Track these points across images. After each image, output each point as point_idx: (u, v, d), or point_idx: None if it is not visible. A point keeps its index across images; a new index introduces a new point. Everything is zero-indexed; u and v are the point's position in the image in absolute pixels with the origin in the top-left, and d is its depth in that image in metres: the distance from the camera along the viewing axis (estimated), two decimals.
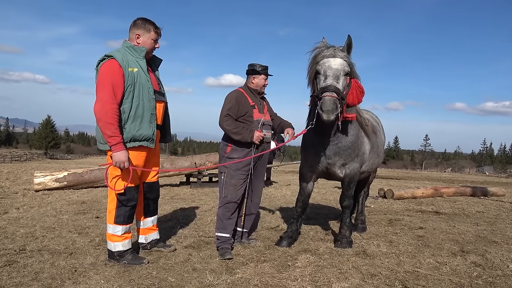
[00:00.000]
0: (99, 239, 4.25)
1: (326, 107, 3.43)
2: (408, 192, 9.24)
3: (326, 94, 3.49)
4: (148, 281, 3.05)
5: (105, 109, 3.20)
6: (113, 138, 3.22)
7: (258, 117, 4.01)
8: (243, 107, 3.97)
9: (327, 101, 3.45)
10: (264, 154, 4.12)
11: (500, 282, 3.27)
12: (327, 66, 3.65)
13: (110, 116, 3.20)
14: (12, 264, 3.37)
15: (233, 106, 3.93)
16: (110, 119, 3.20)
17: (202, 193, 9.10)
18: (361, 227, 5.13)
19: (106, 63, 3.31)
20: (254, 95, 4.10)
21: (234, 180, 3.94)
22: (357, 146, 4.15)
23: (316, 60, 3.77)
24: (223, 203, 3.95)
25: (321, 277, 3.25)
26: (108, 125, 3.20)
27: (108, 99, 3.21)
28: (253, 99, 4.07)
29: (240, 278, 3.19)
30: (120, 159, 3.27)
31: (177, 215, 5.90)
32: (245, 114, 3.97)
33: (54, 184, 8.88)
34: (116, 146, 3.24)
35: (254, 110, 4.01)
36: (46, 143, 79.15)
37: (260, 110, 4.09)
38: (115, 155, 3.26)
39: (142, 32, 3.49)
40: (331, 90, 3.50)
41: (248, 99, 4.02)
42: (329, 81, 3.58)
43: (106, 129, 3.21)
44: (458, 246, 4.38)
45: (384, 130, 5.54)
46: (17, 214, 5.70)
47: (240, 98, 4.00)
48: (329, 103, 3.44)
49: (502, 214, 7.18)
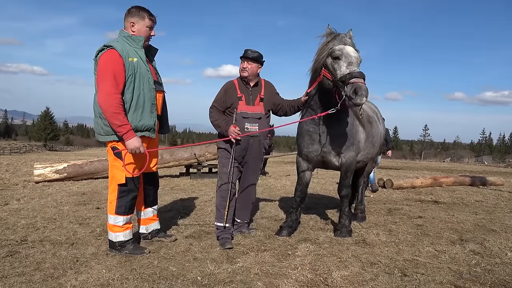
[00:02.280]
0: (100, 230, 4.27)
1: (362, 91, 3.43)
2: (407, 181, 9.28)
3: (359, 80, 3.48)
4: (150, 270, 3.08)
5: (110, 99, 3.18)
6: (122, 127, 3.23)
7: (242, 110, 3.92)
8: (229, 99, 3.93)
9: (362, 86, 3.45)
10: (254, 148, 4.02)
11: (499, 270, 3.30)
12: (347, 53, 3.64)
13: (115, 106, 3.19)
14: (14, 254, 3.39)
15: (220, 97, 3.94)
16: (116, 109, 3.19)
17: (202, 184, 9.12)
18: (360, 216, 5.16)
19: (106, 53, 3.27)
20: (245, 85, 4.01)
21: (226, 168, 3.95)
22: (352, 134, 4.16)
23: (329, 46, 3.73)
24: (219, 191, 3.99)
25: (321, 266, 3.28)
26: (115, 115, 3.19)
27: (110, 89, 3.19)
28: (243, 89, 3.99)
29: (240, 267, 3.21)
30: (135, 145, 3.28)
31: (177, 206, 5.92)
32: (231, 106, 3.94)
33: (54, 175, 8.89)
34: (128, 134, 3.25)
35: (240, 101, 3.93)
36: (45, 135, 79.12)
37: (248, 101, 3.97)
38: (128, 142, 3.27)
39: (137, 20, 3.45)
40: (362, 76, 3.52)
41: (237, 90, 3.96)
42: (354, 67, 3.58)
43: (114, 119, 3.20)
44: (457, 235, 4.41)
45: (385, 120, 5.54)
46: (17, 205, 5.71)
47: (229, 89, 3.97)
48: (364, 87, 3.45)
49: (501, 203, 7.22)
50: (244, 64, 3.95)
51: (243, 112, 3.92)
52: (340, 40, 3.73)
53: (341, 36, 3.77)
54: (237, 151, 3.95)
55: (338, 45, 3.70)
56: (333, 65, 3.70)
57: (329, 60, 3.72)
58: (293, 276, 3.03)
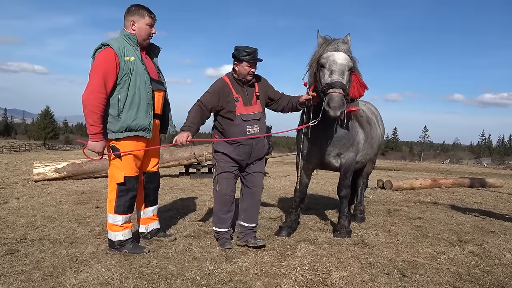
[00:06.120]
0: (99, 229, 4.27)
1: (334, 103, 3.39)
2: (406, 183, 9.28)
3: (334, 91, 3.43)
4: (149, 270, 3.08)
5: (92, 97, 3.20)
6: (93, 127, 3.26)
7: (242, 112, 3.67)
8: (223, 100, 3.64)
9: (335, 97, 3.40)
10: (258, 149, 3.81)
11: (497, 271, 3.30)
12: (332, 61, 3.57)
13: (95, 105, 3.20)
14: (13, 253, 3.39)
15: (210, 98, 3.63)
16: (94, 108, 3.21)
17: (201, 183, 9.12)
18: (360, 217, 5.16)
19: (102, 52, 3.29)
20: (239, 84, 3.72)
21: (226, 173, 3.74)
22: (351, 135, 4.16)
23: (319, 53, 3.68)
24: (218, 197, 3.80)
25: (320, 266, 3.28)
26: (92, 113, 3.21)
27: (96, 87, 3.21)
28: (238, 89, 3.70)
29: (240, 267, 3.21)
30: (94, 148, 3.33)
31: (177, 205, 5.93)
32: (225, 108, 3.66)
33: (54, 174, 8.89)
34: (95, 136, 3.29)
35: (237, 103, 3.65)
36: (45, 133, 79.12)
37: (246, 102, 3.71)
38: (91, 142, 3.31)
39: (137, 18, 3.46)
40: (338, 86, 3.45)
41: (232, 90, 3.68)
42: (335, 76, 3.51)
43: (88, 117, 3.23)
44: (456, 236, 4.41)
45: (384, 121, 5.54)
46: (17, 204, 5.71)
47: (223, 89, 3.66)
48: (337, 100, 3.39)
49: (500, 205, 7.22)
50: (253, 68, 3.67)
51: (242, 114, 3.67)
52: (333, 46, 3.64)
53: (334, 42, 3.69)
54: (241, 155, 3.74)
55: (325, 53, 3.64)
56: (319, 73, 3.66)
57: (317, 68, 3.68)
58: (292, 276, 3.04)
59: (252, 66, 3.65)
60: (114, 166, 3.44)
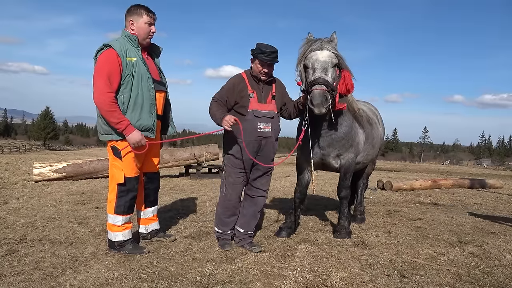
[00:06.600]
0: (99, 229, 4.27)
1: (316, 100, 3.41)
2: (406, 184, 9.28)
3: (315, 88, 3.45)
4: (149, 270, 3.08)
5: (103, 98, 3.20)
6: (120, 123, 3.25)
7: (254, 108, 3.59)
8: (238, 94, 3.58)
9: (316, 94, 3.42)
10: (267, 150, 3.71)
11: (497, 272, 3.30)
12: (315, 59, 3.61)
13: (109, 104, 3.21)
14: (13, 253, 3.39)
15: (225, 92, 3.58)
16: (109, 107, 3.21)
17: (201, 184, 9.12)
18: (360, 218, 5.16)
19: (104, 53, 3.29)
20: (256, 81, 3.66)
21: (232, 179, 3.70)
22: (351, 136, 4.15)
23: (304, 54, 3.71)
24: (223, 201, 3.77)
25: (320, 267, 3.28)
26: (111, 113, 3.21)
27: (103, 88, 3.21)
28: (253, 85, 3.64)
29: (240, 267, 3.21)
30: (135, 139, 3.31)
31: (177, 206, 5.92)
32: (239, 103, 3.59)
33: (54, 175, 8.89)
34: (127, 129, 3.27)
35: (251, 99, 3.58)
36: (45, 134, 79.08)
37: (261, 99, 3.64)
38: (129, 137, 3.29)
39: (135, 18, 3.46)
40: (320, 82, 3.47)
41: (248, 85, 3.61)
42: (317, 74, 3.54)
43: (110, 117, 3.22)
44: (456, 237, 4.41)
45: (384, 122, 5.54)
46: (17, 204, 5.71)
47: (238, 84, 3.61)
48: (318, 97, 3.41)
49: (500, 206, 7.23)
50: (266, 68, 3.59)
51: (255, 110, 3.58)
52: (316, 45, 3.64)
53: (318, 41, 3.68)
54: (249, 152, 3.61)
55: (308, 53, 3.64)
56: (305, 73, 3.68)
57: (303, 69, 3.70)
58: (292, 277, 3.04)
59: (264, 65, 3.56)
60: (115, 167, 3.44)
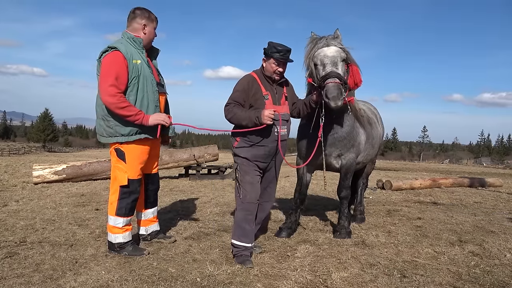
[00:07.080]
0: (99, 231, 4.26)
1: (331, 93, 3.38)
2: (406, 183, 9.28)
3: (329, 81, 3.44)
4: (149, 272, 3.07)
5: (113, 99, 3.20)
6: (138, 114, 3.27)
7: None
8: (253, 97, 3.38)
9: (331, 87, 3.40)
10: (279, 156, 3.59)
11: (498, 271, 3.30)
12: (323, 55, 3.62)
13: (121, 101, 3.21)
14: (13, 255, 3.38)
15: (240, 94, 3.38)
16: (123, 103, 3.22)
17: (201, 185, 9.12)
18: (360, 217, 5.16)
19: (110, 54, 3.28)
20: (269, 82, 3.48)
21: (249, 177, 3.43)
22: (352, 136, 4.15)
23: (311, 53, 3.72)
24: (243, 204, 3.43)
25: (321, 267, 3.28)
26: (125, 108, 3.23)
27: (113, 89, 3.20)
28: (267, 87, 3.46)
29: (240, 268, 3.21)
30: (159, 120, 3.37)
31: (177, 207, 5.92)
32: (253, 106, 3.39)
33: (53, 176, 8.87)
34: (144, 118, 3.31)
35: (266, 101, 3.39)
36: (44, 136, 78.98)
37: (275, 101, 3.47)
38: (151, 122, 3.34)
39: (148, 22, 3.48)
40: (333, 76, 3.47)
41: (261, 87, 3.43)
42: (328, 68, 3.55)
43: (126, 112, 3.23)
44: (456, 236, 4.41)
45: (383, 122, 5.54)
46: (16, 207, 5.70)
47: (252, 85, 3.41)
48: (333, 89, 3.39)
49: (500, 205, 7.23)
50: (280, 68, 3.43)
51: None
52: (323, 43, 3.65)
53: (323, 39, 3.70)
54: (262, 157, 3.46)
55: (316, 51, 3.66)
56: (315, 71, 3.69)
57: (313, 67, 3.70)
58: (293, 278, 3.04)
59: (279, 65, 3.41)
60: (118, 169, 3.44)
